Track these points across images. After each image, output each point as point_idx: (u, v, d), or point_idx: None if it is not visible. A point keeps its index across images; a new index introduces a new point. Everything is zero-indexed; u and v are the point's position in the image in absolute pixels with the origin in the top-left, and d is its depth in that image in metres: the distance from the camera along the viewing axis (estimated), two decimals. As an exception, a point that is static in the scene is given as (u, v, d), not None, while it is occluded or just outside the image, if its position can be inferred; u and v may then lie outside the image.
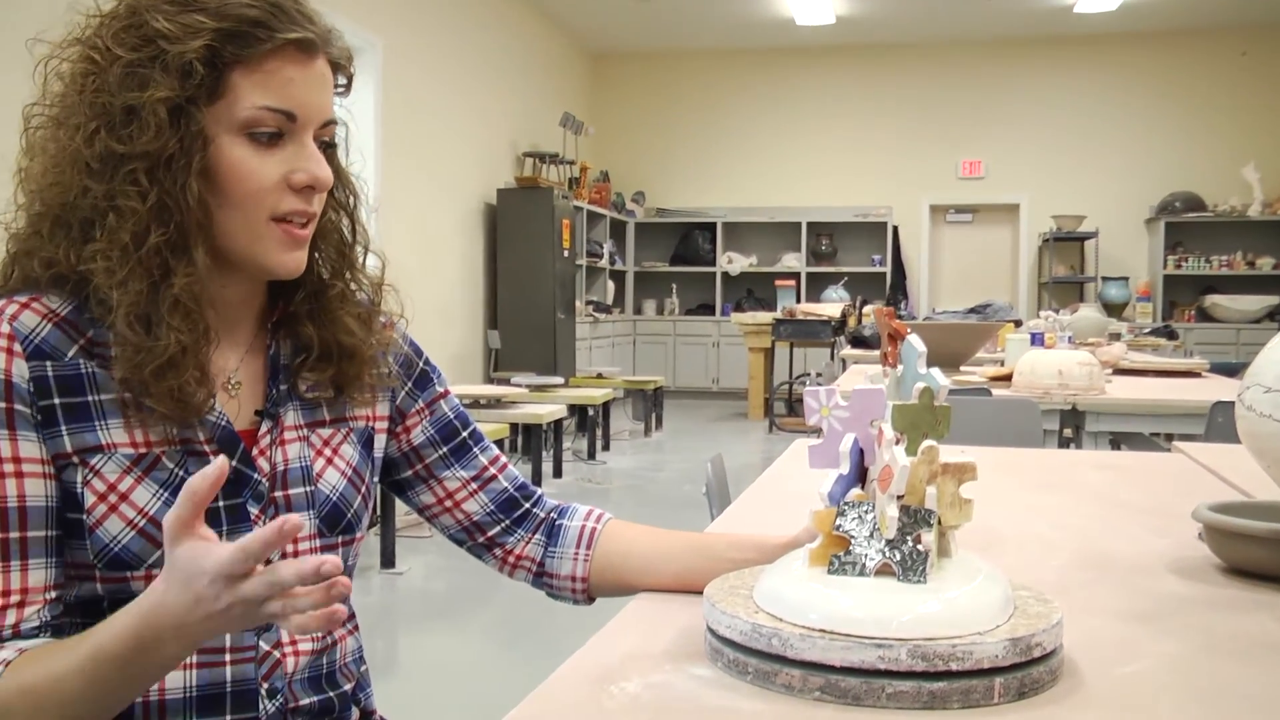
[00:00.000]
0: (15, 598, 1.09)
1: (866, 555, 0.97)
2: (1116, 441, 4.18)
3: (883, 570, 0.97)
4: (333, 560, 0.92)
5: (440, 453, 1.39)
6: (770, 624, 0.93)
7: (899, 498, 0.97)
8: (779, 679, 0.92)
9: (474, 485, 1.39)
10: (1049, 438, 3.69)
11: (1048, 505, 1.88)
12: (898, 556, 0.96)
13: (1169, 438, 4.29)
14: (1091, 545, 1.53)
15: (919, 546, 0.96)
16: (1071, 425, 3.85)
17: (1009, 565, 1.34)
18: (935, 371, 1.02)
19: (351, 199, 1.30)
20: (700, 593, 1.09)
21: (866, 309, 10.38)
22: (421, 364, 1.41)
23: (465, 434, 1.41)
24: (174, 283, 1.12)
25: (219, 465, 0.95)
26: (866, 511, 0.98)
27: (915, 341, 1.04)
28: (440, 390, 1.41)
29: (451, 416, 1.41)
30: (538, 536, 1.39)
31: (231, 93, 1.12)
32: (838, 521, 0.99)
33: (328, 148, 1.22)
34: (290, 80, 1.13)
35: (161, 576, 0.99)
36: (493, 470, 1.40)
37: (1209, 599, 1.25)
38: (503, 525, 1.39)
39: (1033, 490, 2.03)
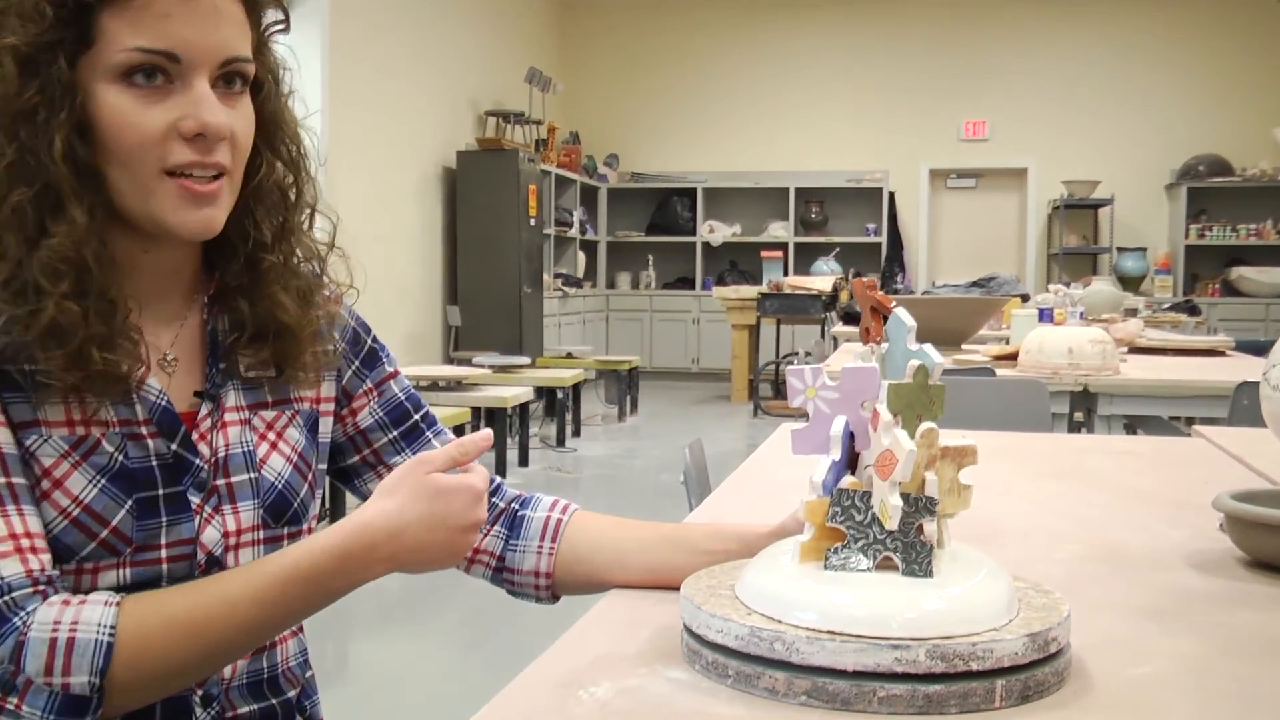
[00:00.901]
0: (26, 542, 1.09)
1: (866, 548, 0.98)
2: (1132, 426, 4.21)
3: (883, 564, 0.97)
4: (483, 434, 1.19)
5: (390, 437, 1.39)
6: (770, 627, 0.93)
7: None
8: (762, 682, 0.92)
9: None
10: (1058, 421, 3.71)
11: (1055, 494, 1.89)
12: (900, 549, 0.97)
13: (1189, 422, 4.32)
14: (1102, 537, 1.54)
15: (922, 538, 0.97)
16: (1083, 408, 3.87)
17: (1011, 559, 1.35)
18: (928, 348, 1.02)
19: (294, 151, 1.27)
20: (676, 588, 1.09)
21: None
22: (370, 341, 1.40)
23: (417, 417, 1.41)
24: (49, 243, 1.09)
25: (486, 435, 1.18)
26: (863, 500, 0.99)
27: (903, 315, 1.05)
28: (389, 370, 1.41)
29: (402, 398, 1.40)
30: (497, 529, 1.39)
31: (103, 37, 1.09)
32: (832, 512, 0.99)
33: (252, 93, 1.19)
34: (167, 16, 1.09)
35: (383, 495, 1.15)
36: None
37: (1230, 595, 1.26)
38: None
39: (1039, 478, 2.04)
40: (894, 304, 1.07)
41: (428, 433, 1.41)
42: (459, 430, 6.33)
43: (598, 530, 1.36)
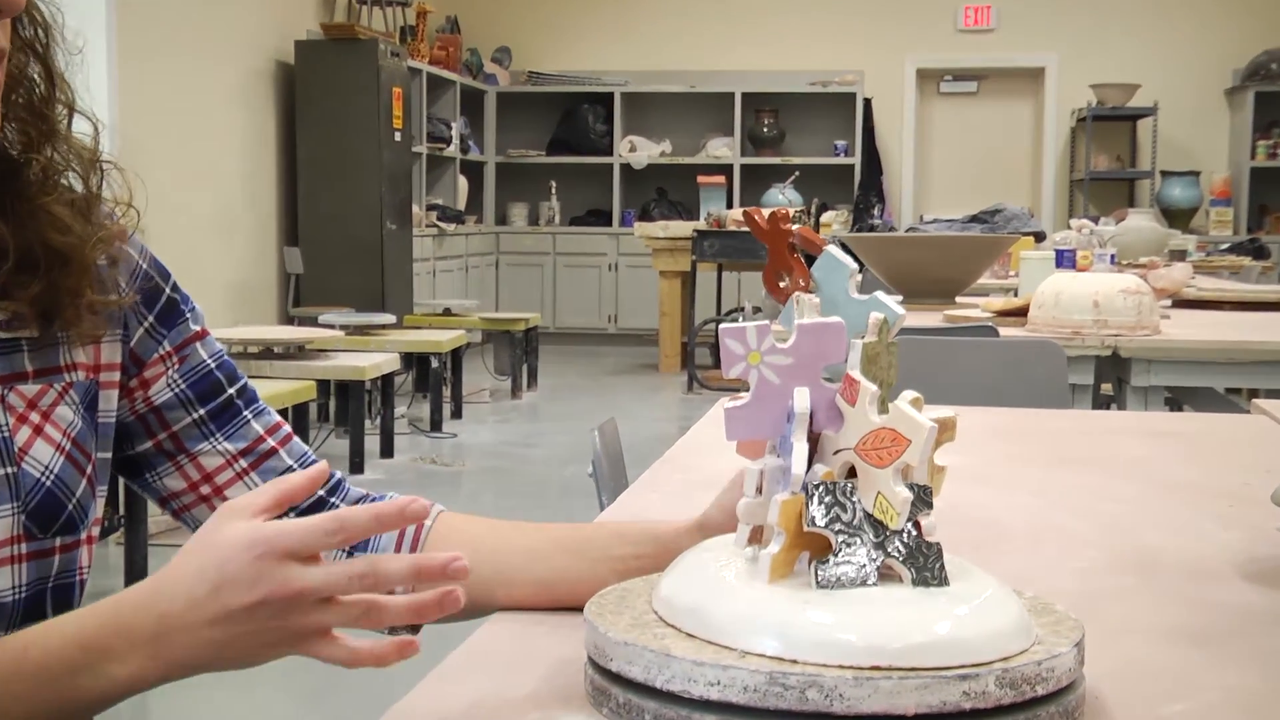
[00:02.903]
0: None
1: (865, 555, 0.99)
2: (1175, 400, 4.28)
3: (883, 574, 1.00)
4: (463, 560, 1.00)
5: (194, 416, 1.37)
6: (794, 670, 0.92)
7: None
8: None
9: (243, 463, 1.38)
10: (1079, 395, 3.75)
11: (1072, 487, 1.91)
12: (907, 553, 0.99)
13: (1251, 395, 4.38)
14: (1131, 540, 1.57)
15: (928, 538, 0.99)
16: (1112, 378, 3.91)
17: (1011, 570, 1.37)
18: (882, 295, 1.04)
19: (41, 35, 1.26)
20: (576, 608, 1.09)
21: (827, 217, 10.46)
22: (168, 290, 1.38)
23: (232, 391, 1.39)
24: None
25: (321, 470, 1.10)
26: (850, 495, 1.00)
27: (837, 255, 1.06)
28: (194, 329, 1.39)
29: (211, 365, 1.39)
30: None
31: None
32: (810, 513, 1.00)
33: None
34: None
35: (183, 556, 1.04)
36: (271, 442, 1.40)
37: (1292, 612, 1.29)
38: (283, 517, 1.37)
39: (1052, 466, 2.07)
40: (826, 241, 1.08)
41: (246, 412, 1.40)
42: (300, 413, 6.30)
43: (472, 536, 1.36)
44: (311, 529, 1.01)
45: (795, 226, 1.12)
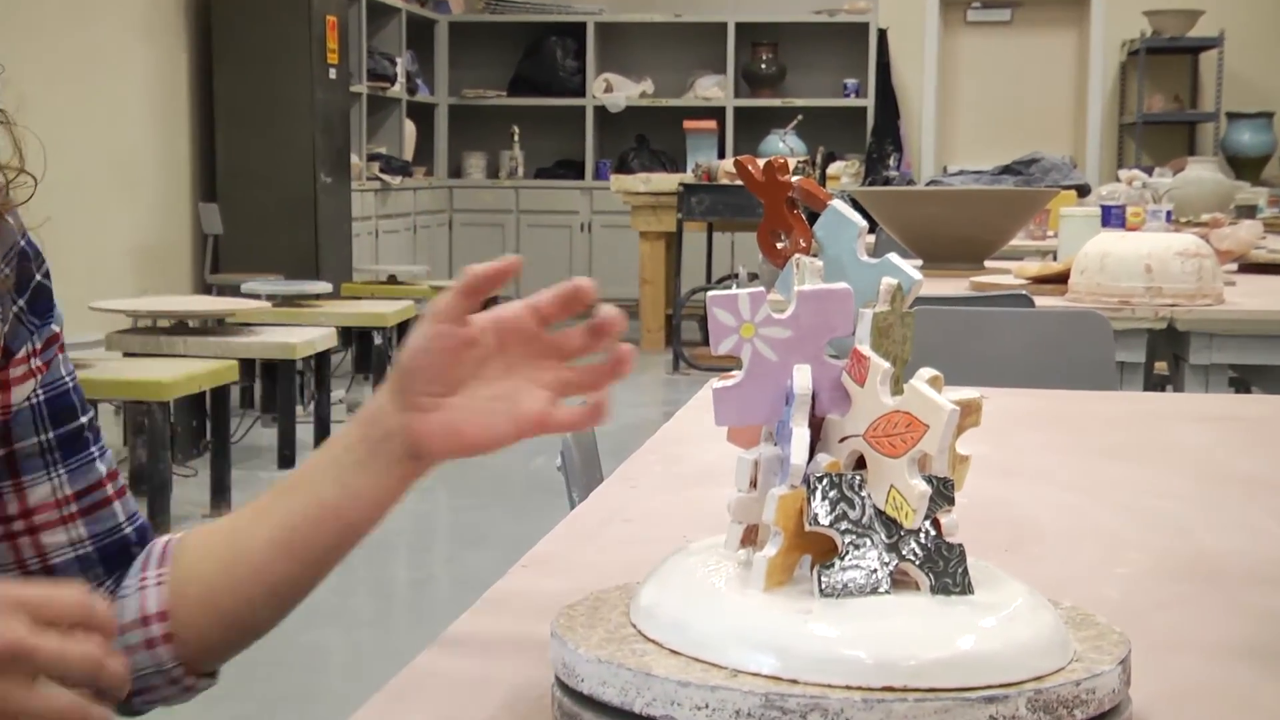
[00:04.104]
0: None
1: (876, 559, 1.00)
2: (1242, 380, 4.28)
3: (897, 580, 1.00)
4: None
5: (42, 440, 1.35)
6: (794, 692, 0.92)
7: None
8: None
9: (73, 507, 1.36)
10: (1129, 374, 3.76)
11: (1118, 481, 1.92)
12: (925, 556, 1.00)
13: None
14: (1185, 543, 1.58)
15: (949, 539, 1.00)
16: (1167, 354, 3.92)
17: (1043, 575, 1.37)
18: (895, 258, 1.04)
19: None
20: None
21: (834, 168, 10.44)
22: (39, 276, 1.37)
23: (84, 420, 1.38)
24: None
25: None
26: (857, 489, 1.00)
27: (843, 211, 1.07)
28: (56, 331, 1.37)
29: (69, 385, 1.38)
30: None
31: None
32: (813, 510, 1.00)
33: None
34: None
35: None
36: (109, 490, 1.39)
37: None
38: (98, 582, 1.37)
39: (1094, 457, 2.08)
40: (831, 195, 1.08)
41: (93, 449, 1.39)
42: (219, 399, 6.28)
43: (216, 534, 1.38)
44: (62, 601, 0.97)
45: (796, 178, 1.12)
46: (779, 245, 1.13)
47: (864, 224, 1.06)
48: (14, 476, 1.34)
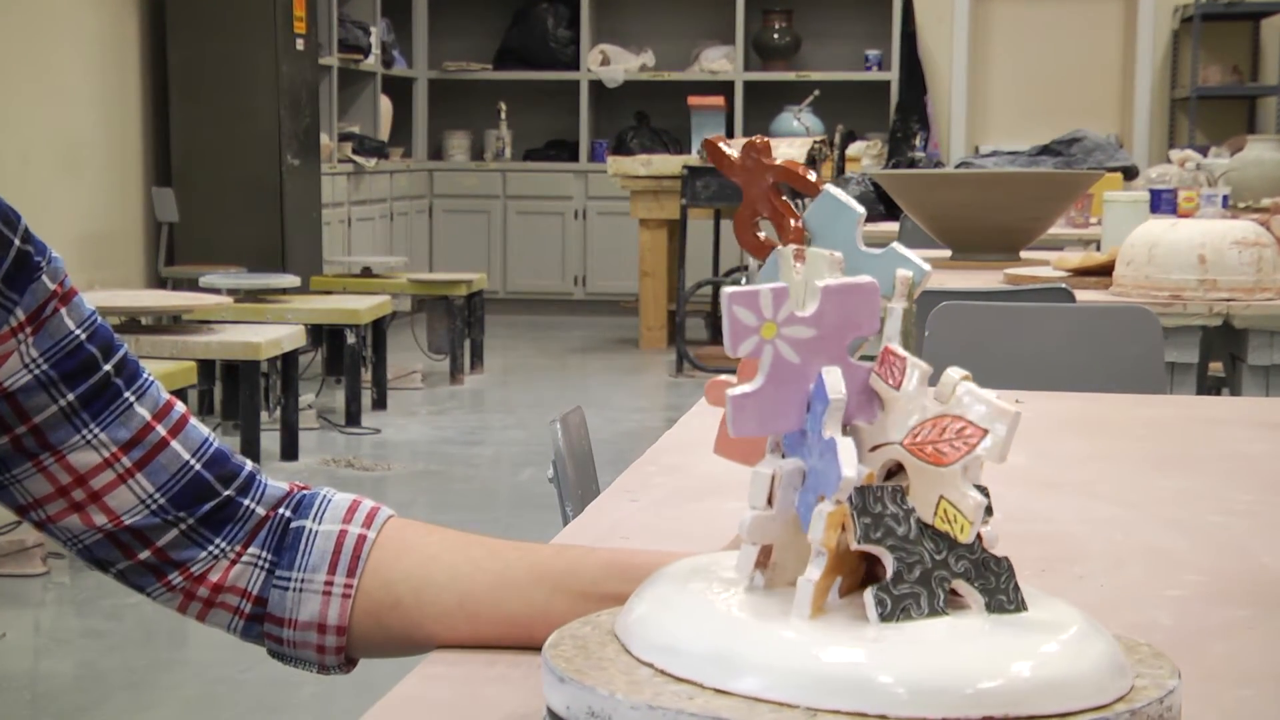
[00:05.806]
0: None
1: (927, 579, 0.99)
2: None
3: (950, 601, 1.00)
4: None
5: (61, 403, 1.35)
6: None
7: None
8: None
9: (126, 461, 1.36)
10: (1180, 375, 3.76)
11: (1168, 493, 1.92)
12: (975, 573, 0.99)
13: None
14: (1243, 563, 1.57)
15: (996, 554, 1.00)
16: (1223, 354, 3.91)
17: (1084, 597, 1.36)
18: (898, 247, 1.04)
19: None
20: (535, 648, 1.08)
21: (855, 149, 10.44)
22: (18, 240, 1.37)
23: (109, 367, 1.38)
24: None
25: None
26: (899, 501, 1.00)
27: (839, 196, 1.06)
28: (53, 288, 1.38)
29: (82, 337, 1.37)
30: (254, 550, 1.39)
31: None
32: (862, 526, 0.99)
33: None
34: None
35: None
36: (160, 431, 1.38)
37: None
38: (183, 528, 1.37)
39: (1143, 467, 2.07)
40: (823, 182, 1.08)
41: (127, 393, 1.38)
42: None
43: (425, 555, 1.36)
44: None
45: (790, 163, 1.11)
46: (761, 235, 1.12)
47: (862, 210, 1.05)
48: (49, 449, 1.35)
